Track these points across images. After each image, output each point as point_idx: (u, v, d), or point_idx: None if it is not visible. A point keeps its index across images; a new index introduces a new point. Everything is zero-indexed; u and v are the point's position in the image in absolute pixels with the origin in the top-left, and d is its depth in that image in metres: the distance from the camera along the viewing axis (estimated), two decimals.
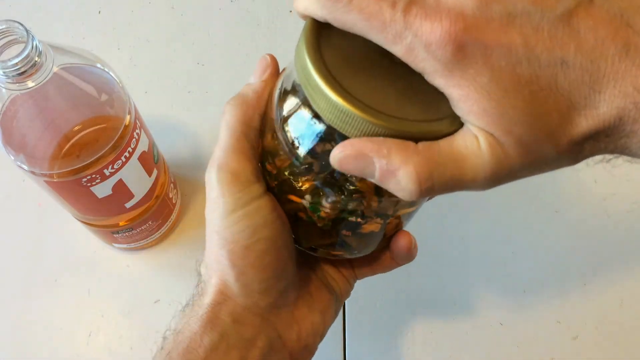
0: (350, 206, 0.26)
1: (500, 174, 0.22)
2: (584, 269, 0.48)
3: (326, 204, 0.26)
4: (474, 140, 0.21)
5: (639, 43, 0.20)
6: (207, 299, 0.29)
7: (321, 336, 0.33)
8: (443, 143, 0.22)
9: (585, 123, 0.20)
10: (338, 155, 0.22)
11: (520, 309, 0.47)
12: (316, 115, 0.23)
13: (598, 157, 0.23)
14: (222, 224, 0.27)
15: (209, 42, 0.58)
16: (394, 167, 0.21)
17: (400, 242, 0.31)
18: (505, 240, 0.49)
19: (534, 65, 0.20)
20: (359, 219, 0.27)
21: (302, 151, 0.25)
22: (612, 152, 0.22)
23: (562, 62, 0.20)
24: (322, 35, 0.23)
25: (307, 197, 0.27)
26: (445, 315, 0.47)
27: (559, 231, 0.50)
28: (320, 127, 0.23)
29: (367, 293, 0.47)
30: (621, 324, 0.46)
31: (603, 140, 0.21)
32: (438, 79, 0.21)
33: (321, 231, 0.28)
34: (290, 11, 0.57)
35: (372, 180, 0.22)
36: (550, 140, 0.21)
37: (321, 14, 0.22)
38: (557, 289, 0.48)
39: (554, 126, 0.20)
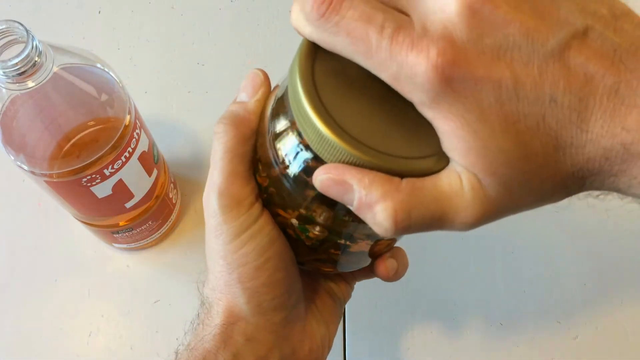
0: (340, 230, 0.26)
1: (481, 217, 0.21)
2: (584, 268, 0.48)
3: (315, 226, 0.26)
4: (458, 180, 0.21)
5: (631, 81, 0.19)
6: (218, 319, 0.28)
7: (329, 347, 0.33)
8: (428, 182, 0.21)
9: (570, 162, 0.20)
10: (320, 177, 0.22)
11: (520, 309, 0.47)
12: (305, 141, 0.23)
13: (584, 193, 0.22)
14: (227, 249, 0.27)
15: (209, 42, 0.58)
16: (372, 200, 0.21)
17: (379, 269, 0.31)
18: (505, 240, 0.49)
19: (523, 102, 0.19)
20: (347, 242, 0.27)
21: (291, 171, 0.24)
22: (599, 189, 0.21)
23: (551, 100, 0.19)
24: (318, 57, 0.22)
25: (298, 215, 0.26)
26: (445, 315, 0.47)
27: (559, 231, 0.50)
28: (308, 154, 0.23)
29: (367, 293, 0.47)
30: (621, 324, 0.46)
31: (589, 179, 0.20)
32: (426, 111, 0.20)
33: (309, 248, 0.28)
34: (290, 11, 0.57)
35: (351, 209, 0.22)
36: (534, 183, 0.20)
37: (309, 32, 0.21)
38: (557, 289, 0.48)
39: (539, 168, 0.20)
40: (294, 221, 0.26)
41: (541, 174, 0.20)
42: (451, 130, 0.20)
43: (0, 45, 0.31)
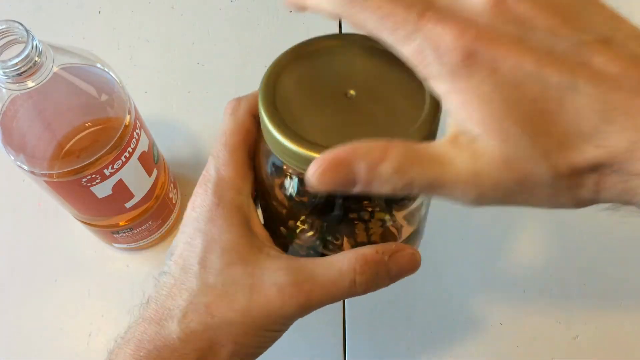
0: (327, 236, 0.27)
1: (484, 185, 0.21)
2: (584, 268, 0.48)
3: (310, 231, 0.27)
4: (454, 146, 0.21)
5: None
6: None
7: None
8: (421, 145, 0.21)
9: (591, 151, 0.19)
10: (315, 173, 0.21)
11: (520, 309, 0.47)
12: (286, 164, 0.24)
13: (605, 205, 0.22)
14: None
15: (209, 42, 0.58)
16: (375, 161, 0.21)
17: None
18: (506, 240, 0.49)
19: (542, 84, 0.19)
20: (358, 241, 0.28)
21: (288, 193, 0.26)
22: (620, 197, 0.21)
23: (573, 87, 0.19)
24: (279, 81, 0.25)
25: (291, 223, 0.27)
26: (445, 315, 0.47)
27: (559, 231, 0.50)
28: (294, 180, 0.25)
29: (367, 294, 0.47)
30: (621, 324, 0.46)
31: (609, 176, 0.20)
32: (441, 85, 0.20)
33: (318, 254, 0.29)
34: (290, 11, 0.57)
35: (354, 189, 0.21)
36: (546, 160, 0.20)
37: (333, 8, 0.22)
38: (557, 289, 0.48)
39: (554, 147, 0.20)
40: (292, 231, 0.28)
41: (555, 154, 0.20)
42: (466, 101, 0.20)
43: (0, 45, 0.31)
